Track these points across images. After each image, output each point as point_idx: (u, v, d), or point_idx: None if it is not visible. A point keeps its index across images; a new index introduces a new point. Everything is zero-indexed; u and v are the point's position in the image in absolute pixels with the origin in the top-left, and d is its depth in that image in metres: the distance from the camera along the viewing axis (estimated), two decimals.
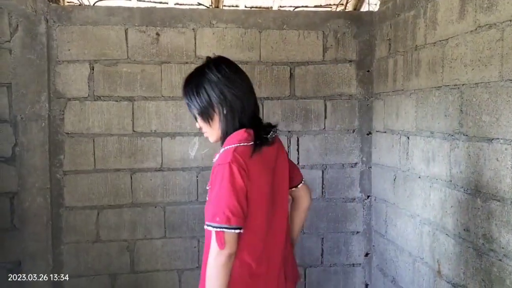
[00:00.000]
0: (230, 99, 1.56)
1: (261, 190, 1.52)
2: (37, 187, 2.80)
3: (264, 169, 1.55)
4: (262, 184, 1.53)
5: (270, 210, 1.56)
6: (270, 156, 1.59)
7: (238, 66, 1.69)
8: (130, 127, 2.96)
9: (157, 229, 3.02)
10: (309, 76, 3.10)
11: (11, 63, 2.76)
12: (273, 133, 1.62)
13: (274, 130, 1.63)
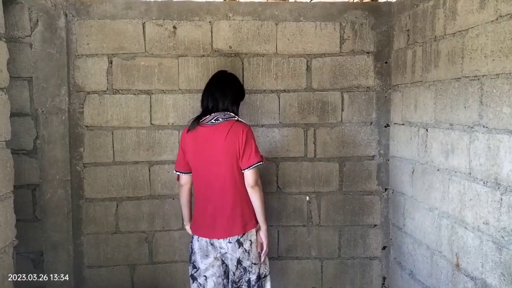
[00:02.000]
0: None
1: (190, 154, 2.37)
2: (58, 179, 2.86)
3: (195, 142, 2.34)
4: (191, 150, 2.36)
5: (200, 167, 2.35)
6: (206, 134, 2.31)
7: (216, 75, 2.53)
8: (148, 120, 3.00)
9: (174, 220, 3.06)
10: (326, 68, 3.08)
11: (32, 57, 2.81)
12: (216, 119, 2.31)
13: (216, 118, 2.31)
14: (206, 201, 2.35)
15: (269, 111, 3.07)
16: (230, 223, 2.30)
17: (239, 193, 2.30)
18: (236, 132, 2.26)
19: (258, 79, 3.05)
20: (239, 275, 2.34)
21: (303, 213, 3.14)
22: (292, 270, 3.16)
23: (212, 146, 2.29)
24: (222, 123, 2.29)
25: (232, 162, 2.28)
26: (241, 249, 2.30)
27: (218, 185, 2.30)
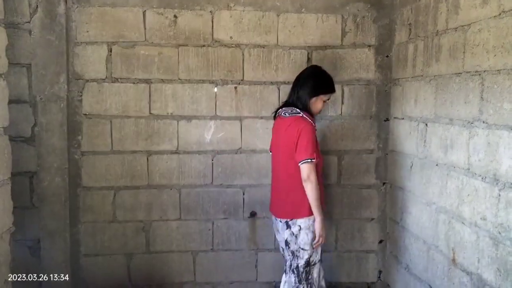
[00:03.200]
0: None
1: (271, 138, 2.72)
2: (55, 167, 2.85)
3: (273, 130, 2.68)
4: (272, 136, 2.71)
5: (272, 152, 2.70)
6: (278, 125, 2.59)
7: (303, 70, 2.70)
8: (147, 110, 2.98)
9: (172, 211, 3.06)
10: (326, 61, 3.06)
11: (31, 43, 2.79)
12: (285, 113, 2.54)
13: (285, 112, 2.54)
14: (274, 181, 2.67)
15: (269, 103, 3.06)
16: (283, 206, 2.55)
17: (293, 182, 2.46)
18: (294, 128, 2.44)
19: (258, 71, 3.03)
20: (289, 260, 2.55)
21: None
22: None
23: (277, 137, 2.58)
24: (287, 118, 2.50)
25: (287, 154, 2.46)
26: (289, 231, 2.49)
27: (279, 171, 2.58)
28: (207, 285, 3.14)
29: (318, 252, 2.54)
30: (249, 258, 3.15)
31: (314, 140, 2.44)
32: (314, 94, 2.52)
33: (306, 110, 2.51)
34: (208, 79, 3.00)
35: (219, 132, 3.04)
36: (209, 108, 3.03)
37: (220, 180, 3.08)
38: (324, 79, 2.58)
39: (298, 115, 2.48)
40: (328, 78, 2.59)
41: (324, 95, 2.56)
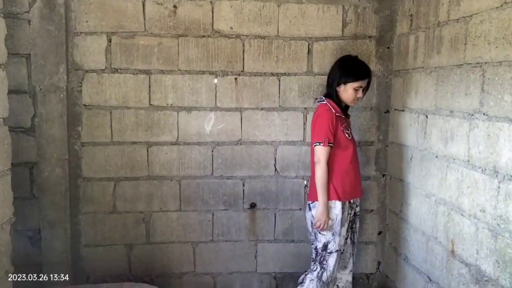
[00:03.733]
0: None
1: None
2: (55, 158, 2.85)
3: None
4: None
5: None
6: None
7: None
8: (147, 101, 2.98)
9: (172, 202, 3.07)
10: (327, 52, 3.05)
11: (30, 34, 2.78)
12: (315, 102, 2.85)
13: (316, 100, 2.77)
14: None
15: (269, 94, 3.05)
16: (310, 189, 2.69)
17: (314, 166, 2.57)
18: (314, 114, 2.60)
19: (259, 62, 3.02)
20: (312, 240, 2.65)
21: (301, 197, 3.15)
22: (288, 253, 3.18)
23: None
24: (316, 106, 2.68)
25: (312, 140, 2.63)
26: (310, 213, 2.60)
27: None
28: (207, 276, 3.16)
29: (336, 241, 2.54)
30: (249, 249, 3.16)
31: (329, 125, 2.49)
32: (339, 82, 2.57)
33: (334, 98, 2.59)
34: (208, 70, 2.99)
35: (219, 124, 3.04)
36: (209, 99, 3.02)
37: (220, 171, 3.08)
38: (349, 67, 2.59)
39: (322, 102, 2.59)
40: (354, 66, 2.59)
41: (353, 83, 2.55)
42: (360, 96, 2.60)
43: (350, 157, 2.58)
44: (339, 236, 2.55)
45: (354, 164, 2.63)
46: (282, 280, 3.21)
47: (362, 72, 2.58)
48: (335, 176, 2.54)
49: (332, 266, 2.56)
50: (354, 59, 2.67)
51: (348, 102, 2.62)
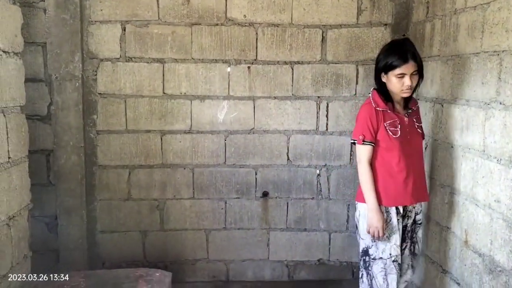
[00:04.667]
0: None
1: None
2: (71, 146, 2.89)
3: None
4: None
5: None
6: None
7: None
8: (161, 89, 2.99)
9: (185, 189, 3.10)
10: (341, 40, 3.02)
11: (46, 22, 2.80)
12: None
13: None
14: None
15: (282, 83, 3.04)
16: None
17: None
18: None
19: (272, 50, 3.00)
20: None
21: (313, 186, 3.15)
22: (300, 242, 3.20)
23: None
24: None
25: None
26: (355, 213, 2.42)
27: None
28: (219, 263, 3.19)
29: (379, 248, 2.24)
30: (261, 237, 3.19)
31: (366, 122, 2.22)
32: (379, 72, 2.24)
33: (382, 90, 2.25)
34: (221, 58, 2.99)
35: (232, 112, 3.05)
36: (222, 88, 3.02)
37: (232, 160, 3.10)
38: (386, 52, 2.22)
39: (369, 95, 2.32)
40: (392, 51, 2.20)
41: (393, 71, 2.16)
42: (409, 84, 2.14)
43: (396, 158, 2.22)
44: (384, 243, 2.24)
45: (404, 166, 2.23)
46: (294, 268, 3.23)
47: (400, 57, 2.15)
48: (378, 178, 2.25)
49: (377, 274, 2.26)
50: (396, 42, 2.31)
51: (397, 93, 2.20)
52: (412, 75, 2.16)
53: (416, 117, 2.34)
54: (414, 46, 2.23)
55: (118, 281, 2.24)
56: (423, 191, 2.35)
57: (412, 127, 2.29)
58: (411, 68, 2.15)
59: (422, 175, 2.35)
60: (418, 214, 2.35)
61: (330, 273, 3.24)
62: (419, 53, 2.78)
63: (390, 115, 2.24)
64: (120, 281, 2.24)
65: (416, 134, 2.30)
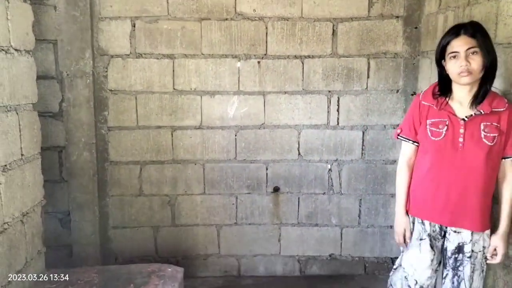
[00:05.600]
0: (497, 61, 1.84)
1: None
2: (83, 142, 2.91)
3: None
4: None
5: None
6: None
7: None
8: (171, 85, 2.99)
9: (196, 185, 3.10)
10: (352, 33, 2.99)
11: (56, 19, 2.82)
12: None
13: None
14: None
15: (292, 78, 3.02)
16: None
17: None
18: None
19: (282, 44, 2.98)
20: None
21: (324, 181, 3.13)
22: (311, 237, 3.19)
23: None
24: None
25: None
26: None
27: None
28: (231, 258, 3.20)
29: (402, 258, 2.11)
30: (272, 232, 3.18)
31: (409, 115, 2.04)
32: (439, 58, 1.91)
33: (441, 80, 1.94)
34: (231, 53, 2.98)
35: (242, 107, 3.04)
36: (232, 83, 3.01)
37: (243, 155, 3.09)
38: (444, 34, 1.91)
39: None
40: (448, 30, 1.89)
41: (446, 51, 1.85)
42: (465, 65, 1.77)
43: (428, 164, 1.96)
44: (407, 253, 2.08)
45: (435, 176, 1.94)
46: (305, 263, 3.22)
47: (452, 32, 1.84)
48: (412, 183, 2.07)
49: (395, 283, 2.15)
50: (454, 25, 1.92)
51: (456, 80, 1.85)
52: (470, 54, 1.78)
53: (490, 124, 1.83)
54: (479, 26, 1.83)
55: (131, 276, 2.26)
56: (468, 217, 1.89)
57: (473, 135, 1.84)
58: (464, 44, 1.78)
59: (474, 198, 1.87)
60: (466, 244, 1.91)
61: (342, 268, 3.23)
62: (432, 45, 2.71)
63: (438, 113, 1.92)
64: (132, 276, 2.26)
65: (477, 146, 1.83)
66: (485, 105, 1.82)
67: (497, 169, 1.88)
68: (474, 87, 1.85)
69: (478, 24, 1.84)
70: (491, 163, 1.84)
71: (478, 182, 1.85)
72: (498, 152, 1.84)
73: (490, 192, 1.90)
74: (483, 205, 1.88)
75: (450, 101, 1.92)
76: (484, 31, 1.81)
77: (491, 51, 1.79)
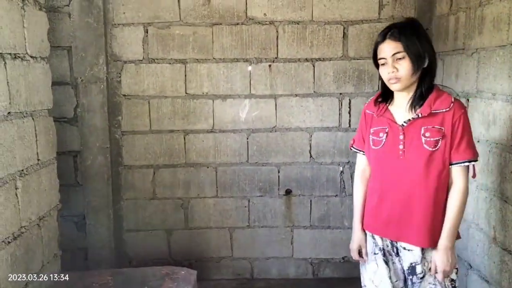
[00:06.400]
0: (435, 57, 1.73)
1: None
2: (97, 147, 2.95)
3: None
4: None
5: None
6: None
7: None
8: (183, 90, 3.03)
9: (209, 188, 3.13)
10: (363, 36, 2.99)
11: (71, 26, 2.87)
12: None
13: None
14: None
15: (303, 80, 3.03)
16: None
17: None
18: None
19: (293, 48, 3.00)
20: None
21: (336, 183, 3.13)
22: (324, 239, 3.19)
23: None
24: None
25: None
26: None
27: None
28: (244, 260, 3.21)
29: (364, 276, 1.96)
30: (285, 234, 3.19)
31: (359, 126, 1.96)
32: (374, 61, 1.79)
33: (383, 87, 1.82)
34: (242, 57, 3.00)
35: (253, 111, 3.06)
36: (244, 86, 3.03)
37: (255, 158, 3.11)
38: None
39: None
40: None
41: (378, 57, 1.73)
42: (392, 72, 1.66)
43: (372, 174, 1.89)
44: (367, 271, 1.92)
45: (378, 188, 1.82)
46: (318, 265, 3.22)
47: (380, 34, 1.72)
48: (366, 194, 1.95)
49: None
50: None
51: (388, 86, 1.74)
52: (397, 59, 1.66)
53: (431, 128, 1.67)
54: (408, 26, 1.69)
55: (145, 279, 2.29)
56: (414, 231, 1.72)
57: (413, 141, 1.70)
58: (389, 49, 1.66)
59: (419, 210, 1.71)
60: (418, 264, 1.74)
61: (355, 271, 3.19)
62: (443, 47, 2.70)
63: (378, 121, 1.81)
64: (147, 279, 2.29)
65: (418, 152, 1.69)
66: (424, 107, 1.68)
67: (447, 177, 1.69)
68: (411, 90, 1.73)
69: (408, 23, 1.71)
70: (436, 170, 1.67)
71: (422, 192, 1.69)
72: (444, 158, 1.67)
73: (439, 203, 1.70)
74: (431, 217, 1.70)
75: (391, 106, 1.80)
76: (414, 31, 1.67)
77: (422, 53, 1.66)
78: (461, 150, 1.66)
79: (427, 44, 1.69)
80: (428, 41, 1.71)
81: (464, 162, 1.67)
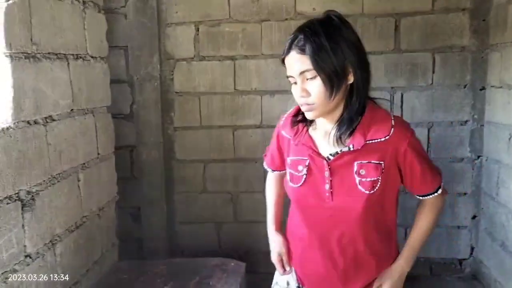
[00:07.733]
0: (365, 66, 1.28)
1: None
2: (152, 142, 3.08)
3: None
4: None
5: None
6: None
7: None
8: (232, 86, 3.08)
9: (257, 183, 3.16)
10: (416, 28, 2.91)
11: (127, 27, 3.00)
12: None
13: None
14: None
15: None
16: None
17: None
18: None
19: None
20: None
21: None
22: None
23: None
24: None
25: None
26: None
27: None
28: None
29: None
30: None
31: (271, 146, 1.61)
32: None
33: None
34: None
35: None
36: None
37: None
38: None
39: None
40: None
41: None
42: (300, 96, 1.29)
43: (296, 217, 1.47)
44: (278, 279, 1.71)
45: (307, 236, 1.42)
46: None
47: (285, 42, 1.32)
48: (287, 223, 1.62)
49: None
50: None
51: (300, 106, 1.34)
52: (306, 79, 1.25)
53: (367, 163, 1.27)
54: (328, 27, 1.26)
55: (197, 269, 2.37)
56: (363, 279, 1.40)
57: (344, 180, 1.29)
58: (296, 66, 1.27)
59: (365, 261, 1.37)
60: None
61: None
62: (502, 38, 2.58)
63: (297, 149, 1.37)
64: (198, 269, 2.37)
65: (351, 196, 1.28)
66: (356, 136, 1.26)
67: (394, 210, 1.41)
68: (336, 114, 1.29)
69: (323, 22, 1.27)
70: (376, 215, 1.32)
71: (362, 245, 1.32)
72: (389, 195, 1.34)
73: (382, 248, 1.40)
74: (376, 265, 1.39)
75: (313, 130, 1.36)
76: (328, 35, 1.21)
77: (340, 68, 1.20)
78: (429, 181, 1.41)
79: (350, 50, 1.23)
80: (353, 45, 1.25)
81: (438, 190, 1.43)
